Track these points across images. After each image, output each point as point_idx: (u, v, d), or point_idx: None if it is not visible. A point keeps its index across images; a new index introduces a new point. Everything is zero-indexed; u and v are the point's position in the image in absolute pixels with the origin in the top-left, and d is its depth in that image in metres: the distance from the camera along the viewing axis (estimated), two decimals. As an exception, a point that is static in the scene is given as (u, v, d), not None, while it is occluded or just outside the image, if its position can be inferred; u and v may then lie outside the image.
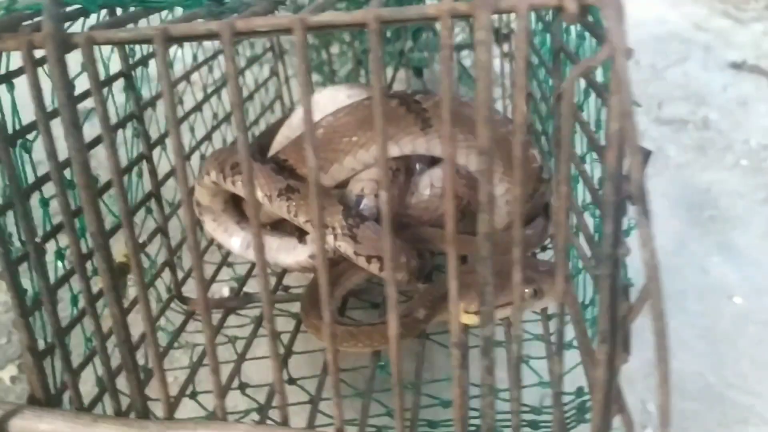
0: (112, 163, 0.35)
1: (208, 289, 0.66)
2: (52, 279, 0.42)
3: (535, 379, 0.52)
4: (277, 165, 0.61)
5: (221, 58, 0.82)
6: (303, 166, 0.61)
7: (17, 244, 0.42)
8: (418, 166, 0.65)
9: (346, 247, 0.57)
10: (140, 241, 0.58)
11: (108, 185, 0.49)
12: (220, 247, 0.71)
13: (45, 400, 0.43)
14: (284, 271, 0.67)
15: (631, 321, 0.38)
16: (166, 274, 0.62)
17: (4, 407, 0.41)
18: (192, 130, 0.72)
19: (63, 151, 0.36)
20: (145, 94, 0.59)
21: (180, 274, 0.64)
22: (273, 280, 0.67)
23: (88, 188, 0.36)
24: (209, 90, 0.75)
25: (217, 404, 0.40)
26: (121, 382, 0.42)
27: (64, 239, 0.42)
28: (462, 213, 0.64)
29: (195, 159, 0.70)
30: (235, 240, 0.66)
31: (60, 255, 0.47)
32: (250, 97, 0.92)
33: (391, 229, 0.36)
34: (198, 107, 0.72)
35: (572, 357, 0.45)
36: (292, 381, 0.56)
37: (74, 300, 0.48)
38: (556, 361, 0.38)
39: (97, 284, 0.41)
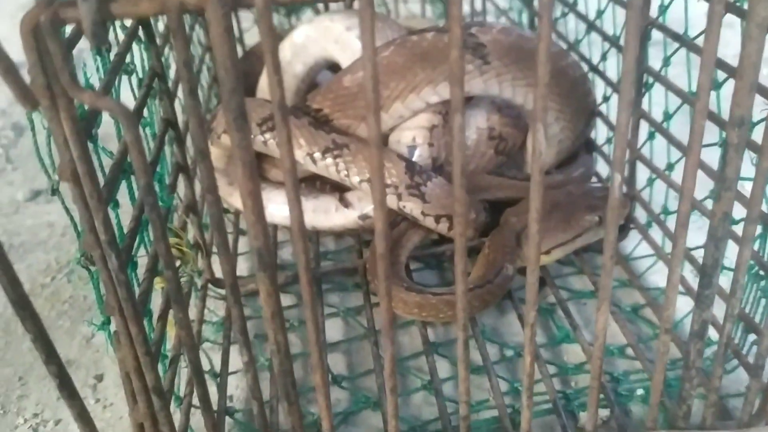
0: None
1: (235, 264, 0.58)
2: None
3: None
4: (311, 117, 0.53)
5: None
6: (343, 116, 0.53)
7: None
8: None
9: (412, 207, 0.51)
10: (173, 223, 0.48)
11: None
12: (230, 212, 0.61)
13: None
14: (317, 234, 0.60)
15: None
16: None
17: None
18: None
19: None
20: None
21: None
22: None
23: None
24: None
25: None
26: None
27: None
28: (507, 155, 0.59)
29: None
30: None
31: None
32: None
33: (463, 183, 0.29)
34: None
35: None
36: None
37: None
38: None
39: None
